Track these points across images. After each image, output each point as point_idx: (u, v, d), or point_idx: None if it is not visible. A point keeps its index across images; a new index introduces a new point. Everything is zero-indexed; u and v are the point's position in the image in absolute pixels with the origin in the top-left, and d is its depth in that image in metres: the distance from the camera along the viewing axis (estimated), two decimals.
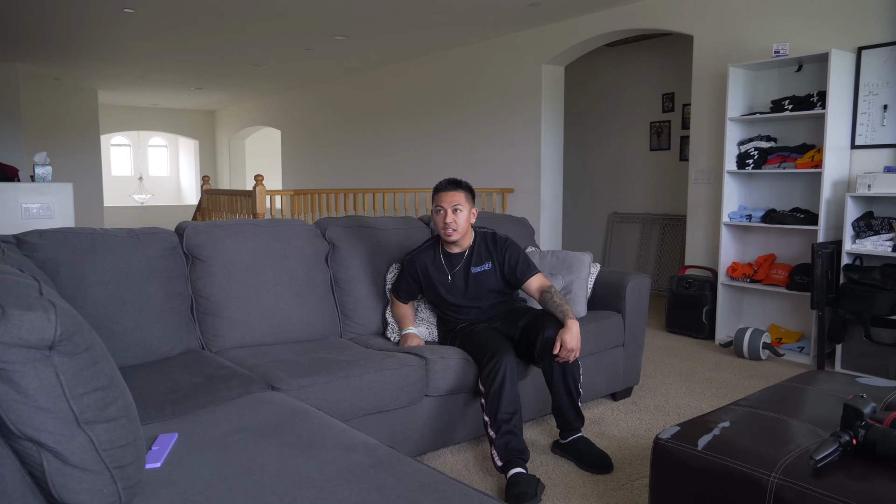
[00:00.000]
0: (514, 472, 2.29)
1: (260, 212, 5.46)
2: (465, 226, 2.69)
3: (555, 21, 5.89)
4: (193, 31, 6.36)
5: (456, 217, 2.65)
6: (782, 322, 4.47)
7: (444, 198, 2.67)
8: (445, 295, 2.78)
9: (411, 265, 2.84)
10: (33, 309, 1.07)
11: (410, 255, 2.88)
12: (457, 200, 2.65)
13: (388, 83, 8.25)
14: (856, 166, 4.02)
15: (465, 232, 2.71)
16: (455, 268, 2.77)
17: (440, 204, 2.67)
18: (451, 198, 2.66)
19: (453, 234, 2.67)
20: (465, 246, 2.77)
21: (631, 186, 6.91)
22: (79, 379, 1.12)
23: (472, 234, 2.80)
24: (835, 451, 1.53)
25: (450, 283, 2.77)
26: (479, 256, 2.77)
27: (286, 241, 2.84)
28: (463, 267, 2.76)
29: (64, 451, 1.10)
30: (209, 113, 13.36)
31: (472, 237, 2.80)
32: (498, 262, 2.75)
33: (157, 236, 2.55)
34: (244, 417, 1.77)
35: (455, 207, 2.65)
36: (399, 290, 2.89)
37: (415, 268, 2.82)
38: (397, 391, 2.42)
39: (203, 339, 2.60)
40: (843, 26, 4.04)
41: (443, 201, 2.67)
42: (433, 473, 1.42)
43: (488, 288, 2.76)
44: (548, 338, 2.50)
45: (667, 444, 1.80)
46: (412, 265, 2.84)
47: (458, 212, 2.66)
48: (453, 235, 2.67)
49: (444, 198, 2.67)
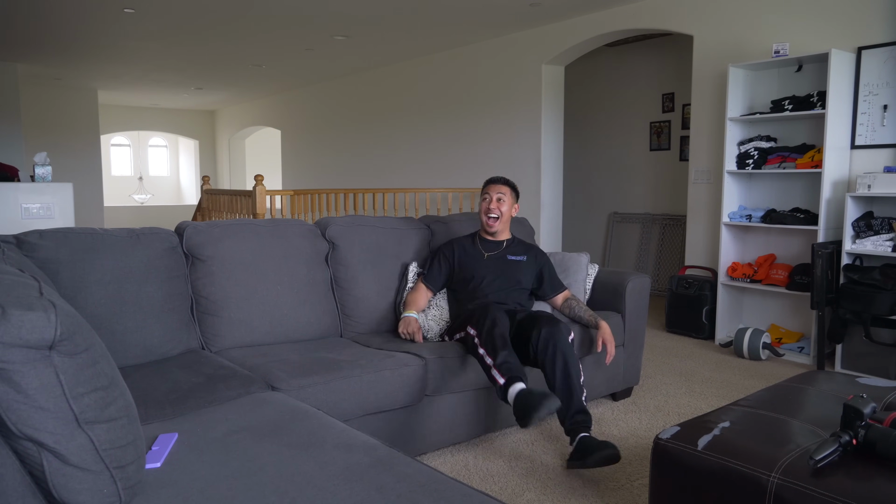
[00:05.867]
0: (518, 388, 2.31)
1: (260, 212, 5.46)
2: (506, 216, 2.97)
3: (555, 21, 5.89)
4: (193, 31, 6.36)
5: (499, 205, 2.94)
6: (782, 322, 4.47)
7: (492, 188, 2.97)
8: (476, 273, 2.92)
9: (449, 246, 3.03)
10: (33, 309, 1.07)
11: (451, 240, 3.08)
12: (502, 191, 2.96)
13: (388, 83, 8.25)
14: (856, 166, 4.02)
15: (505, 222, 2.98)
16: (491, 252, 2.99)
17: (487, 192, 2.97)
18: (497, 189, 2.97)
19: (494, 222, 2.94)
20: (502, 238, 3.02)
21: (631, 186, 6.91)
22: (79, 379, 1.12)
23: (509, 232, 3.06)
24: (835, 451, 1.53)
25: (484, 260, 2.96)
26: (516, 248, 3.02)
27: (286, 241, 2.84)
28: (499, 253, 2.99)
29: (64, 451, 1.10)
30: (209, 113, 13.36)
31: (510, 234, 3.06)
32: (535, 263, 2.99)
33: (157, 236, 2.55)
34: (244, 417, 1.77)
35: (499, 196, 2.95)
36: (430, 273, 3.00)
37: (452, 248, 3.01)
38: (397, 391, 2.42)
39: (203, 339, 2.60)
40: (843, 26, 4.04)
41: (490, 190, 2.97)
42: (433, 473, 1.42)
43: (518, 278, 2.93)
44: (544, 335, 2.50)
45: (667, 444, 1.80)
46: (450, 246, 3.03)
47: (502, 201, 2.95)
48: (494, 223, 2.94)
49: (492, 188, 2.97)
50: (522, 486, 2.40)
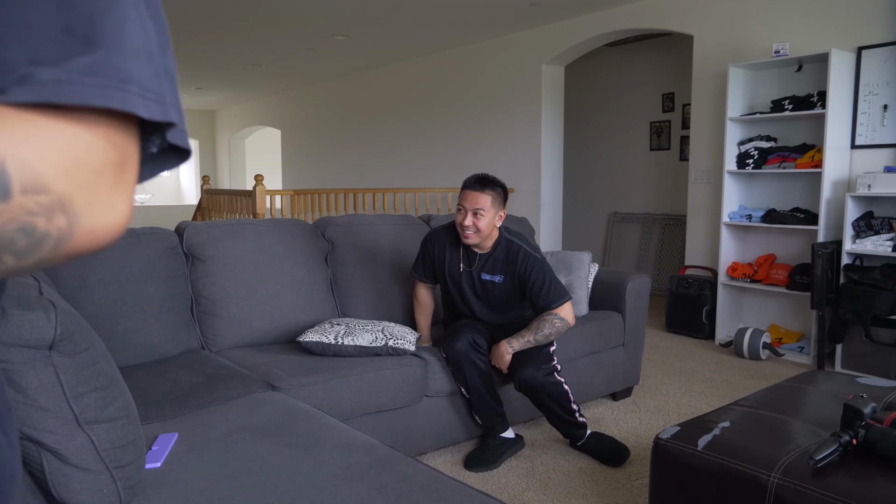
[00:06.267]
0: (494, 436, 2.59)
1: (260, 212, 5.46)
2: (486, 230, 2.49)
3: (555, 21, 5.89)
4: (193, 31, 6.36)
5: (476, 220, 2.46)
6: (782, 322, 4.47)
7: (468, 198, 2.47)
8: (453, 283, 2.67)
9: (430, 243, 2.70)
10: (33, 309, 1.07)
11: (431, 233, 2.73)
12: (479, 204, 2.45)
13: (389, 83, 8.25)
14: (856, 166, 4.01)
15: (486, 236, 2.52)
16: (471, 265, 2.62)
17: (462, 203, 2.49)
18: (474, 199, 2.46)
19: (471, 237, 2.50)
20: (486, 247, 2.59)
21: (631, 186, 6.91)
22: (79, 379, 1.12)
23: (495, 236, 2.60)
24: (835, 451, 1.53)
25: (460, 272, 2.64)
26: (493, 264, 2.60)
27: (286, 241, 2.84)
28: (476, 269, 2.62)
29: (64, 451, 1.10)
30: (209, 113, 13.36)
31: (494, 239, 2.60)
32: (511, 280, 2.58)
33: (157, 236, 2.55)
34: (244, 417, 1.77)
35: (476, 211, 2.45)
36: (417, 266, 2.77)
37: (433, 248, 2.69)
38: (397, 391, 2.42)
39: (203, 338, 2.60)
40: (843, 26, 4.04)
41: (465, 201, 2.48)
42: (433, 473, 1.42)
43: (498, 298, 2.63)
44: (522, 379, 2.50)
45: (667, 444, 1.80)
46: (431, 243, 2.70)
47: (480, 216, 2.46)
48: (471, 238, 2.50)
49: (468, 198, 2.47)
50: (522, 486, 2.40)
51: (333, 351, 2.44)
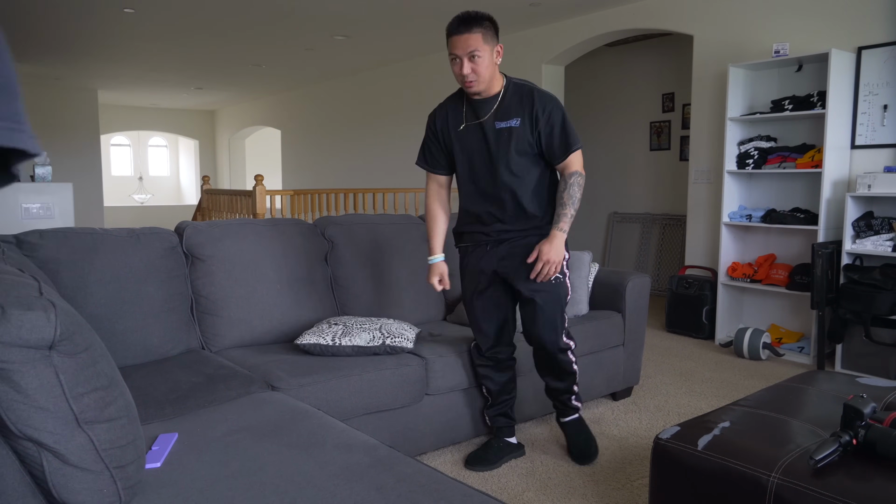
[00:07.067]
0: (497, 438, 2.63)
1: (260, 212, 5.46)
2: (487, 71, 2.23)
3: (555, 21, 5.89)
4: (193, 31, 6.36)
5: (475, 65, 2.20)
6: (782, 322, 4.47)
7: (457, 44, 2.20)
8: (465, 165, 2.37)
9: (435, 117, 2.44)
10: (33, 309, 1.07)
11: (434, 110, 2.47)
12: (472, 46, 2.18)
13: (388, 83, 8.25)
14: (856, 166, 4.02)
15: (490, 76, 2.26)
16: (484, 115, 2.32)
17: (454, 51, 2.22)
18: (464, 43, 2.19)
19: (474, 85, 2.24)
20: (493, 91, 2.31)
21: (631, 186, 6.91)
22: (79, 379, 1.12)
23: (500, 78, 2.33)
24: (835, 451, 1.53)
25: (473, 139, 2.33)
26: (506, 110, 2.29)
27: (286, 241, 2.84)
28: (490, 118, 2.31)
29: (64, 451, 1.10)
30: (209, 113, 13.36)
31: (501, 82, 2.32)
32: (530, 121, 2.28)
33: (157, 236, 2.55)
34: (244, 417, 1.77)
35: (472, 54, 2.19)
36: (424, 153, 2.47)
37: (438, 119, 2.42)
38: (397, 390, 2.42)
39: (203, 338, 2.60)
40: (843, 26, 4.04)
41: (456, 48, 2.21)
42: (433, 473, 1.42)
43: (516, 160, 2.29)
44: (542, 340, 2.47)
45: (667, 444, 1.80)
46: (434, 117, 2.44)
47: (477, 58, 2.20)
48: (475, 86, 2.25)
49: (457, 44, 2.20)
50: (522, 486, 2.40)
51: (331, 352, 2.44)
